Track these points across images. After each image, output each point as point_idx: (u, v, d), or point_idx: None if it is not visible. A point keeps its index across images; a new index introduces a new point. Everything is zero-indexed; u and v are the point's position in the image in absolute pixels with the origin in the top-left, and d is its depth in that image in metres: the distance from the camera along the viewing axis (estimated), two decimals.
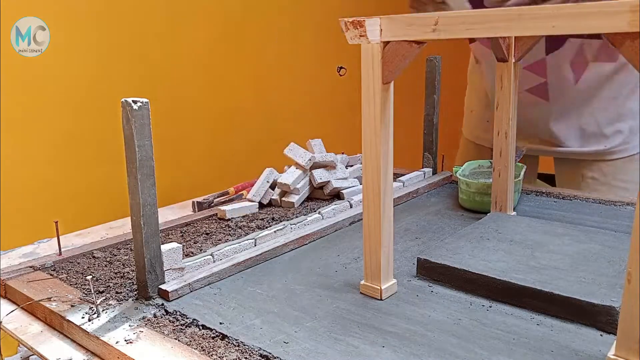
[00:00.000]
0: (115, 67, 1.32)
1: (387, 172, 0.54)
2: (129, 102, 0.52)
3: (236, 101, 1.62)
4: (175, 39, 1.44)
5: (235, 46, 1.59)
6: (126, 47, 1.34)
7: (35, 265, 0.67)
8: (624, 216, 0.80)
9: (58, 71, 1.23)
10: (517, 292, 0.54)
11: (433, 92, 0.97)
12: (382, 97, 0.52)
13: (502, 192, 0.78)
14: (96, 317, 0.54)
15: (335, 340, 0.49)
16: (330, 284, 0.61)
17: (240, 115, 1.62)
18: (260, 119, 1.68)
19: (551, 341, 0.48)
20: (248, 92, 1.64)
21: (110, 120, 1.10)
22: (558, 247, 0.62)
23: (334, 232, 0.77)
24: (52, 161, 1.24)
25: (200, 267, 0.63)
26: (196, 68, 1.50)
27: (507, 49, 0.72)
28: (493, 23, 0.43)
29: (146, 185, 0.54)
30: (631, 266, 0.40)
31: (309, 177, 0.93)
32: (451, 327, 0.51)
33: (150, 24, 1.38)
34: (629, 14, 0.36)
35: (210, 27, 1.52)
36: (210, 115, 1.56)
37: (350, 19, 0.50)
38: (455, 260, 0.60)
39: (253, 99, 1.66)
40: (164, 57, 1.42)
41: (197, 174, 1.49)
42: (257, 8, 1.64)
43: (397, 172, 0.99)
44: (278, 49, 1.71)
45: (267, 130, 1.68)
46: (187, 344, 0.49)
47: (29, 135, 1.20)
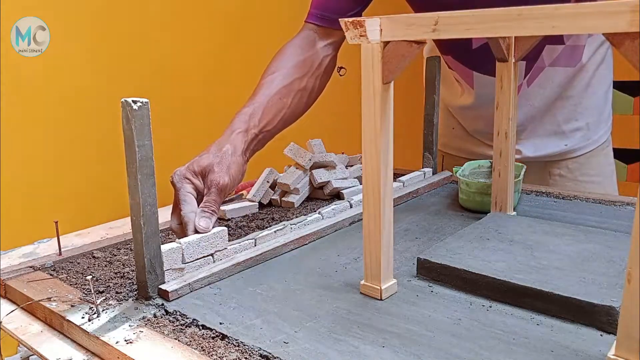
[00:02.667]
0: (115, 67, 1.32)
1: (387, 172, 0.54)
2: (129, 102, 0.52)
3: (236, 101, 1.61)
4: (175, 39, 1.44)
5: (236, 46, 1.59)
6: (126, 47, 1.34)
7: (35, 265, 0.67)
8: (624, 216, 0.80)
9: (58, 71, 1.23)
10: (517, 292, 0.54)
11: (433, 92, 0.97)
12: (382, 97, 0.52)
13: (502, 192, 0.78)
14: (96, 317, 0.54)
15: (336, 340, 0.49)
16: (330, 284, 0.61)
17: None
18: None
19: (551, 341, 0.48)
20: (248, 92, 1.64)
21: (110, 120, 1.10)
22: (558, 247, 0.62)
23: (334, 232, 0.77)
24: (52, 161, 1.24)
25: (200, 267, 0.63)
26: (196, 68, 1.51)
27: (507, 49, 0.72)
28: (493, 23, 0.43)
29: (146, 185, 0.54)
30: (631, 266, 0.40)
31: (309, 177, 0.93)
32: (451, 327, 0.51)
33: (150, 24, 1.38)
34: (629, 14, 0.36)
35: (210, 27, 1.52)
36: (210, 115, 1.56)
37: (350, 19, 0.50)
38: (455, 260, 0.60)
39: None
40: (164, 57, 1.42)
41: None
42: (258, 8, 1.64)
43: (397, 172, 0.99)
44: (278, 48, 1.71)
45: None
46: (187, 344, 0.49)
47: (29, 135, 1.20)
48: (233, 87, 1.60)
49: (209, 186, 0.70)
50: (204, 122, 1.54)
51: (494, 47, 0.72)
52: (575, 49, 0.99)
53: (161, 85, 1.42)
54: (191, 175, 0.71)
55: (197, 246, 0.62)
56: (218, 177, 0.71)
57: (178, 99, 1.46)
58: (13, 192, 1.18)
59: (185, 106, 1.48)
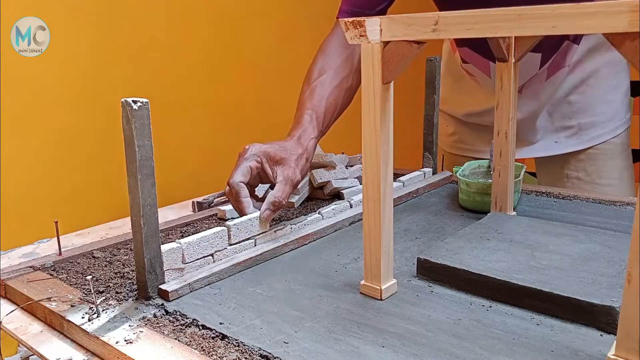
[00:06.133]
0: (115, 66, 1.32)
1: (387, 172, 0.54)
2: (129, 102, 0.52)
3: (236, 101, 1.62)
4: (175, 38, 1.44)
5: (235, 46, 1.59)
6: (126, 47, 1.34)
7: (35, 265, 0.67)
8: (624, 216, 0.80)
9: (58, 71, 1.23)
10: (517, 292, 0.54)
11: (433, 92, 0.97)
12: (382, 97, 0.52)
13: (502, 192, 0.78)
14: (96, 317, 0.54)
15: (335, 340, 0.49)
16: (330, 284, 0.61)
17: (240, 115, 1.62)
18: (261, 118, 1.68)
19: (551, 341, 0.48)
20: (248, 91, 1.64)
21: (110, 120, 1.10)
22: (558, 247, 0.62)
23: (334, 232, 0.77)
24: (52, 161, 1.24)
25: (200, 267, 0.63)
26: (196, 68, 1.50)
27: (507, 49, 0.72)
28: (493, 23, 0.43)
29: (146, 185, 0.54)
30: (631, 266, 0.40)
31: (309, 177, 0.93)
32: (451, 327, 0.51)
33: (150, 24, 1.38)
34: (629, 14, 0.36)
35: (210, 26, 1.52)
36: (210, 115, 1.56)
37: (351, 19, 0.50)
38: (455, 260, 0.60)
39: (253, 99, 1.66)
40: (164, 57, 1.42)
41: (197, 174, 1.49)
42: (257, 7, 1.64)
43: (397, 172, 0.99)
44: (278, 48, 1.71)
45: (267, 130, 1.68)
46: (187, 344, 0.49)
47: (29, 135, 1.20)
48: (233, 87, 1.60)
49: (286, 180, 0.74)
50: (204, 122, 1.54)
51: (494, 47, 0.72)
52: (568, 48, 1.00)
53: (161, 85, 1.42)
54: (265, 158, 0.75)
55: (197, 246, 0.62)
56: (294, 174, 0.75)
57: (178, 99, 1.46)
58: (13, 192, 1.18)
59: (185, 106, 1.48)
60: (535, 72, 0.99)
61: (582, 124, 1.05)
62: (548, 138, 1.08)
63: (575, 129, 1.05)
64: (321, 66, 0.91)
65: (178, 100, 1.46)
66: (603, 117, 1.05)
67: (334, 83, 0.89)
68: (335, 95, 0.88)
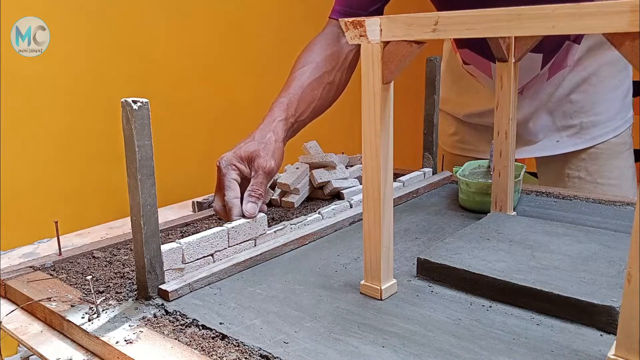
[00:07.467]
0: (115, 67, 1.32)
1: (387, 172, 0.54)
2: (129, 102, 0.52)
3: (236, 101, 1.62)
4: (174, 38, 1.44)
5: (235, 46, 1.59)
6: (126, 47, 1.34)
7: (35, 265, 0.67)
8: (624, 216, 0.80)
9: (58, 71, 1.23)
10: (517, 292, 0.54)
11: (433, 92, 0.97)
12: (382, 97, 0.52)
13: (502, 192, 0.78)
14: (96, 317, 0.54)
15: (335, 340, 0.49)
16: (330, 284, 0.61)
17: (240, 115, 1.62)
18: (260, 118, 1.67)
19: (551, 341, 0.48)
20: (248, 91, 1.64)
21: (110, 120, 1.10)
22: (558, 247, 0.62)
23: (334, 232, 0.77)
24: (52, 161, 1.24)
25: (200, 267, 0.63)
26: (196, 68, 1.50)
27: (507, 49, 0.72)
28: (493, 23, 0.43)
29: (146, 185, 0.54)
30: (631, 266, 0.40)
31: (309, 177, 0.93)
32: (451, 327, 0.51)
33: (150, 24, 1.38)
34: (629, 14, 0.36)
35: (210, 27, 1.52)
36: (210, 115, 1.56)
37: (350, 19, 0.50)
38: (455, 260, 0.60)
39: (253, 99, 1.66)
40: (164, 57, 1.42)
41: (197, 174, 1.49)
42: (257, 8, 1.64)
43: (397, 172, 0.99)
44: (278, 48, 1.71)
45: None
46: (187, 344, 0.49)
47: (29, 135, 1.20)
48: (233, 87, 1.60)
49: (256, 170, 0.75)
50: (204, 122, 1.54)
51: (494, 47, 0.72)
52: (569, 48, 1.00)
53: (161, 85, 1.42)
54: (237, 161, 0.76)
55: (197, 246, 0.62)
56: (264, 162, 0.75)
57: (178, 99, 1.46)
58: (13, 192, 1.18)
59: (185, 106, 1.48)
60: (536, 73, 0.99)
61: (583, 123, 1.05)
62: (549, 137, 1.07)
63: (577, 128, 1.05)
64: (304, 60, 0.92)
65: (178, 100, 1.46)
66: (605, 116, 1.05)
67: (315, 75, 0.90)
68: (314, 87, 0.89)
